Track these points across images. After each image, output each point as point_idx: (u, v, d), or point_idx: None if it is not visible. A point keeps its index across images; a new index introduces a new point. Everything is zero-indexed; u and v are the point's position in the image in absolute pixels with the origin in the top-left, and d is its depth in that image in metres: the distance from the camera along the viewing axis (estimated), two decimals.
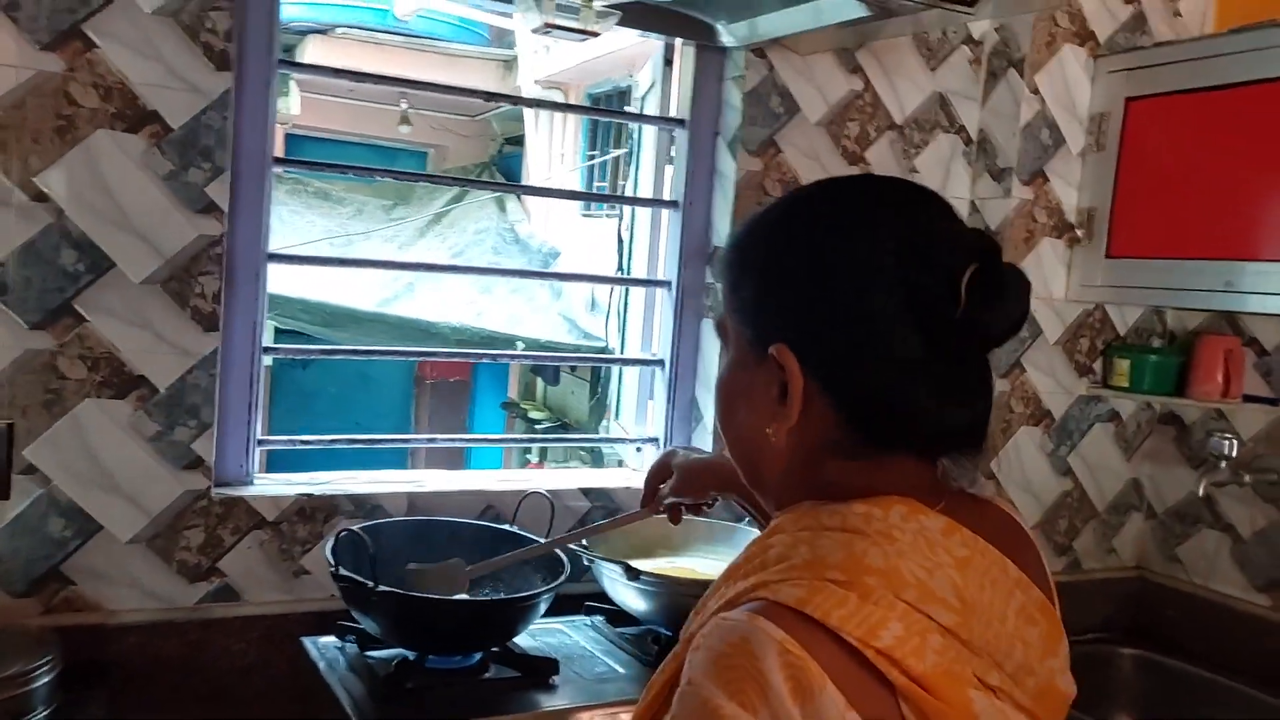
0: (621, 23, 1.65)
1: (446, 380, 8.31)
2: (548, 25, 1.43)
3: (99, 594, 1.49)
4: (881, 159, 2.03)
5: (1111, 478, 2.24)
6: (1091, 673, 2.10)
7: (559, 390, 6.23)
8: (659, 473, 1.25)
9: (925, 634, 0.66)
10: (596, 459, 2.13)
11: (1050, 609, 0.76)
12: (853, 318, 0.72)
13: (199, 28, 1.48)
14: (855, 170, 2.00)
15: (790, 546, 0.71)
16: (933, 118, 2.07)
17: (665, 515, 1.23)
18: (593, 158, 5.65)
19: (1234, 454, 2.02)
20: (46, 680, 1.26)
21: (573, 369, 5.70)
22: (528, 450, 4.92)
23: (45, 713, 1.26)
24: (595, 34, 1.47)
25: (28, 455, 1.44)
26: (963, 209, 2.12)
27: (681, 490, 1.20)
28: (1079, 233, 2.10)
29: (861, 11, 1.54)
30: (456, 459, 6.18)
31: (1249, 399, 2.06)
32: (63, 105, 1.42)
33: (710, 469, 1.19)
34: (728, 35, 1.84)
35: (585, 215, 5.52)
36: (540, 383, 6.54)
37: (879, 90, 2.01)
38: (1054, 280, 2.10)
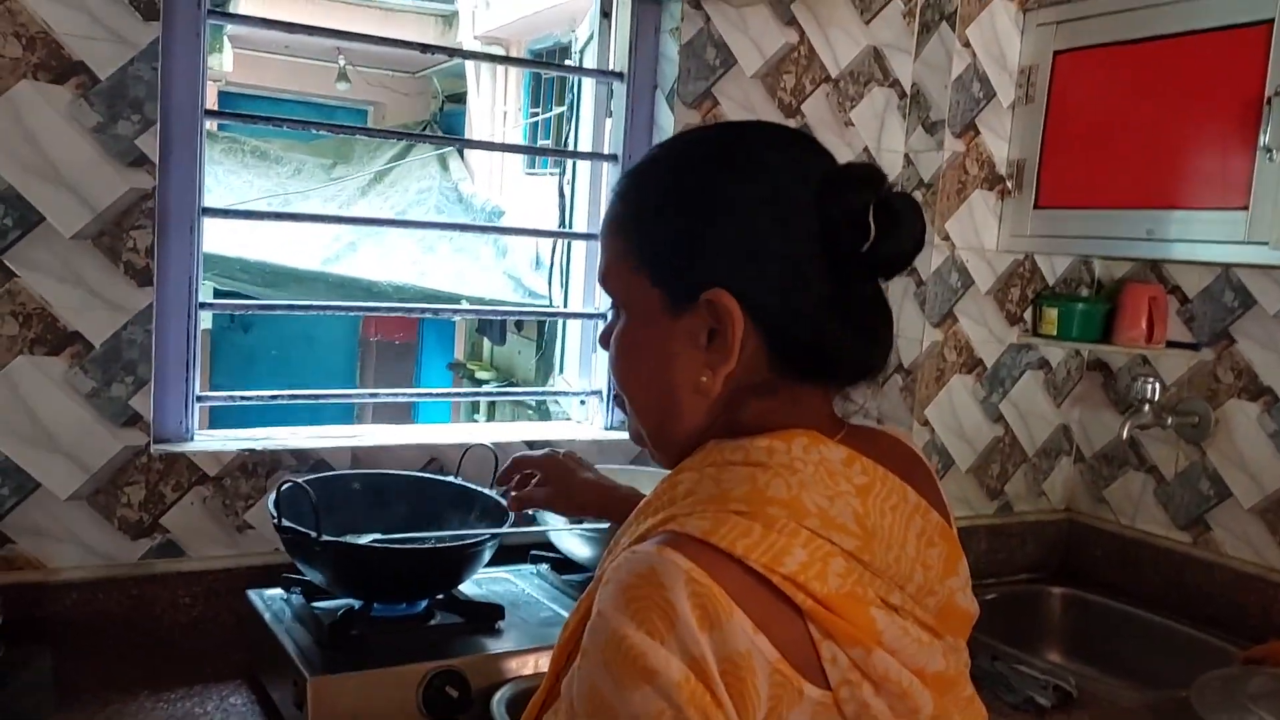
0: None
1: (392, 341, 8.24)
2: None
3: (39, 551, 1.48)
4: (817, 111, 2.06)
5: (1041, 423, 2.31)
6: (1022, 611, 2.19)
7: (505, 350, 6.22)
8: (533, 467, 1.27)
9: (828, 559, 0.70)
10: (543, 416, 2.15)
11: (949, 531, 0.80)
12: (780, 256, 0.75)
13: None
14: (792, 123, 2.03)
15: (696, 482, 0.75)
16: (867, 71, 2.10)
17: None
18: (535, 115, 5.60)
19: (1156, 398, 2.10)
20: None
21: (518, 327, 5.69)
22: (475, 410, 4.92)
23: None
24: None
25: None
26: (897, 161, 2.16)
27: (555, 504, 1.25)
28: (1009, 184, 2.15)
29: None
30: (404, 419, 6.16)
31: (1172, 345, 2.13)
32: None
33: (595, 493, 1.23)
34: None
35: (529, 173, 5.48)
36: (486, 343, 6.53)
37: (814, 43, 2.03)
38: (985, 231, 2.15)
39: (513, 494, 1.26)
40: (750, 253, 0.75)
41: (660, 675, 0.63)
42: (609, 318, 0.85)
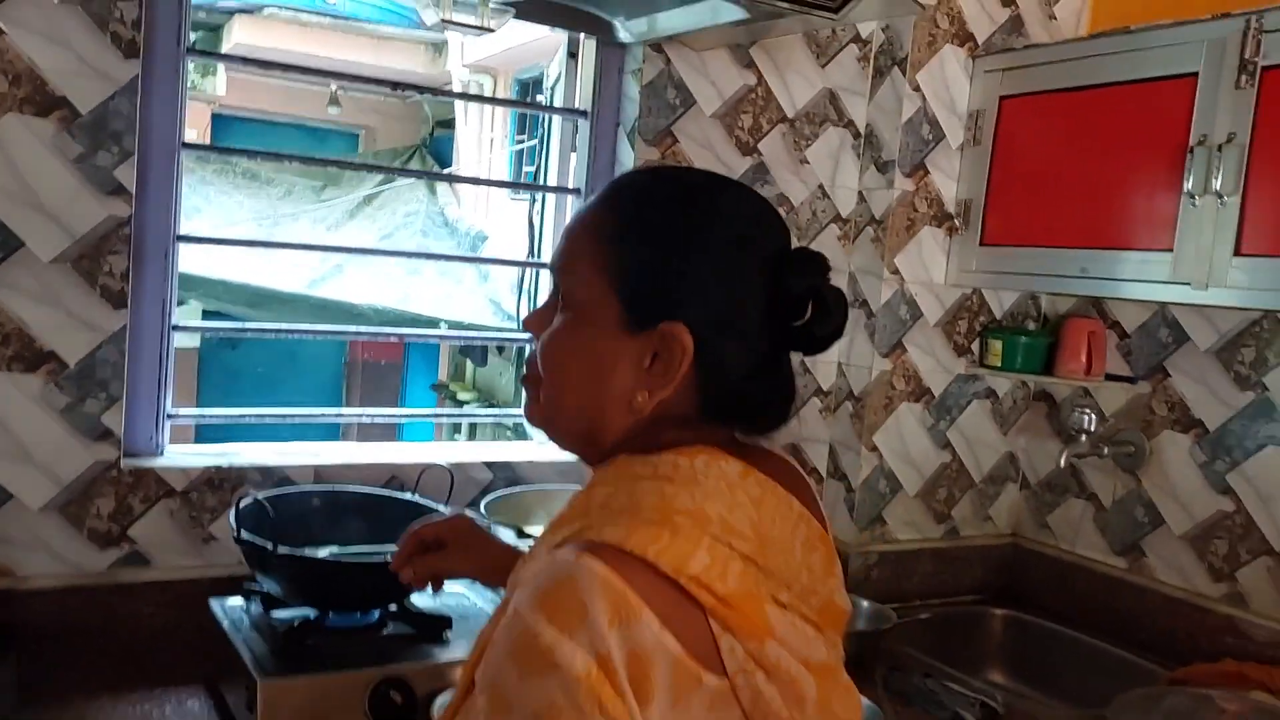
0: (521, 16, 1.75)
1: (377, 362, 8.33)
2: (445, 21, 1.51)
3: (10, 559, 1.56)
4: (773, 150, 2.15)
5: (988, 451, 2.39)
6: (964, 631, 2.27)
7: (487, 371, 6.30)
8: (438, 533, 1.21)
9: (728, 561, 0.78)
10: (520, 436, 2.23)
11: (827, 538, 0.88)
12: (735, 310, 0.83)
13: (107, 17, 1.54)
14: (749, 160, 2.12)
15: (610, 496, 0.82)
16: (822, 112, 2.20)
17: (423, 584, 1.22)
18: (521, 142, 5.71)
19: (1093, 428, 2.19)
20: None
21: (499, 350, 5.78)
22: (457, 430, 5.03)
23: None
24: (491, 29, 1.56)
25: None
26: (850, 199, 2.26)
27: (464, 570, 1.21)
28: (957, 222, 2.25)
29: (740, 14, 1.65)
30: (390, 438, 6.22)
31: (1111, 378, 2.23)
32: None
33: (509, 558, 1.17)
34: (625, 32, 1.94)
35: (514, 199, 5.59)
36: (469, 364, 6.61)
37: (771, 85, 2.13)
38: (934, 266, 2.25)
39: (409, 570, 1.20)
40: (713, 300, 0.83)
41: (563, 669, 0.69)
42: (548, 305, 0.88)
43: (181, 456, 1.72)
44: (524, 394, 0.91)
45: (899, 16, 2.09)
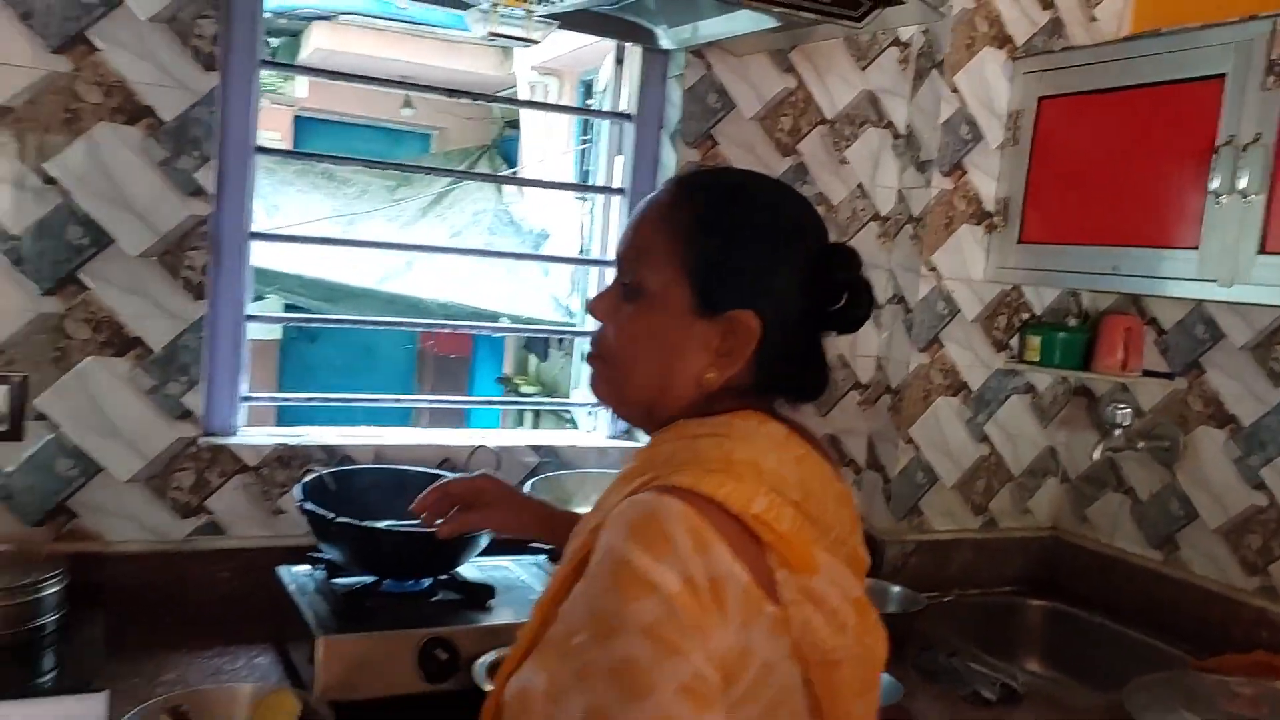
0: (566, 26, 1.86)
1: (446, 356, 8.56)
2: (492, 34, 1.63)
3: (100, 526, 1.72)
4: (813, 150, 2.23)
5: (1027, 445, 2.44)
6: (1003, 620, 2.32)
7: (549, 365, 6.46)
8: (460, 496, 1.31)
9: (781, 506, 0.90)
10: (574, 424, 2.37)
11: (851, 499, 1.01)
12: (791, 300, 0.95)
13: (189, 33, 1.69)
14: (789, 161, 2.20)
15: (674, 451, 0.93)
16: (863, 113, 2.27)
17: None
18: (585, 143, 5.85)
19: (1129, 423, 2.22)
20: (54, 591, 1.49)
21: (560, 344, 5.92)
22: (520, 419, 5.22)
23: (53, 618, 1.49)
24: (536, 41, 1.67)
25: (39, 404, 1.67)
26: (889, 197, 2.32)
27: (493, 525, 1.32)
28: (996, 220, 2.30)
29: (772, 22, 1.74)
30: (458, 423, 6.42)
31: (1149, 374, 2.26)
32: (70, 101, 1.64)
33: (538, 514, 1.31)
34: (667, 39, 2.04)
35: (578, 198, 5.71)
36: (532, 359, 6.77)
37: (811, 88, 2.21)
38: (973, 263, 2.30)
39: (440, 523, 1.31)
40: (774, 289, 0.95)
41: (660, 588, 0.79)
42: (613, 290, 0.99)
43: (254, 436, 1.87)
44: (589, 370, 1.02)
45: (923, 24, 2.15)
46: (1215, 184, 1.81)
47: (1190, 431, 2.18)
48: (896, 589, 2.11)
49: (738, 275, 0.94)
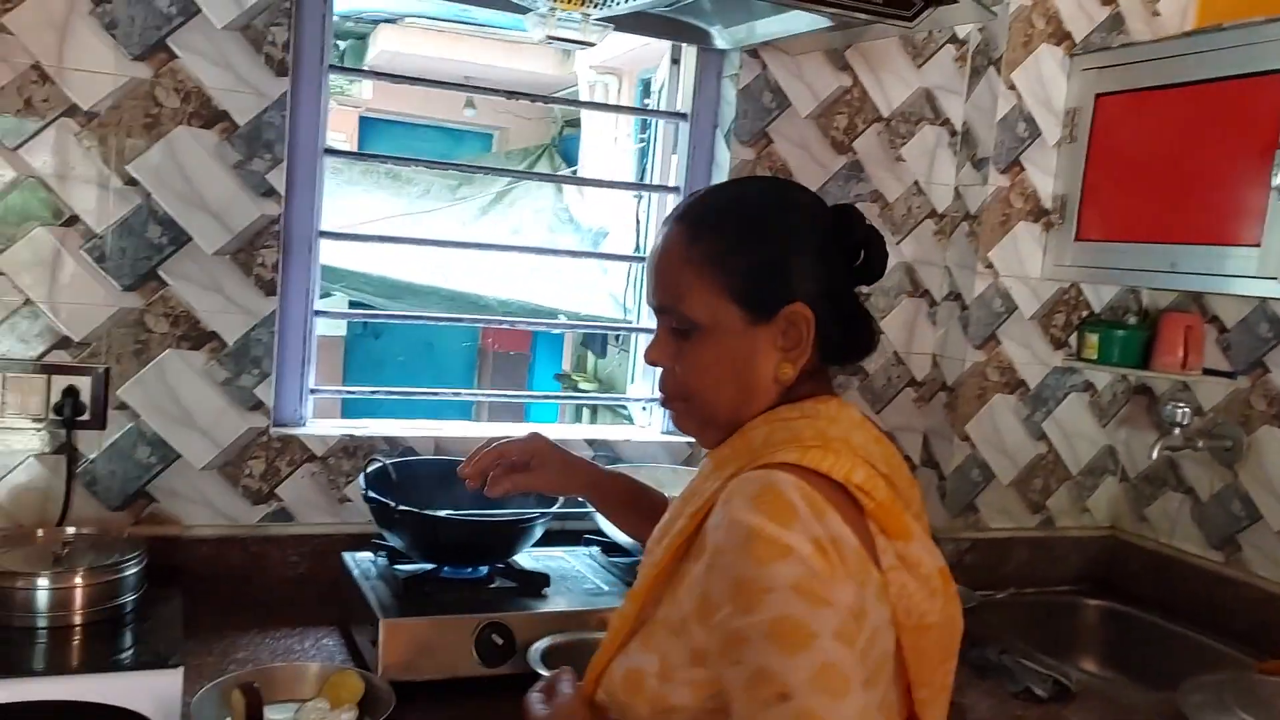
0: (622, 28, 1.89)
1: (506, 353, 8.68)
2: (550, 37, 1.68)
3: (177, 511, 1.80)
4: (868, 148, 2.24)
5: (1086, 443, 2.42)
6: (1059, 619, 2.31)
7: (607, 362, 6.52)
8: (511, 455, 1.32)
9: (875, 478, 0.96)
10: (630, 420, 2.42)
11: (917, 483, 1.07)
12: (825, 274, 1.02)
13: (262, 40, 1.76)
14: (844, 159, 2.22)
15: (769, 433, 1.00)
16: (918, 111, 2.27)
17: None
18: (643, 141, 5.88)
19: (1188, 422, 2.20)
20: (134, 572, 1.57)
21: (618, 341, 5.96)
22: (578, 415, 5.29)
23: (133, 598, 1.57)
24: (592, 44, 1.72)
25: (121, 395, 1.75)
26: (946, 195, 2.32)
27: (540, 485, 1.34)
28: (1054, 217, 2.29)
29: (825, 22, 1.76)
30: (517, 418, 6.51)
31: (1209, 372, 2.23)
32: (150, 106, 1.72)
33: (585, 473, 1.35)
34: (722, 39, 2.07)
35: (636, 196, 5.74)
36: (590, 356, 6.84)
37: (866, 86, 2.22)
38: (1029, 260, 2.29)
39: (497, 487, 1.31)
40: (809, 273, 1.01)
41: (795, 550, 0.85)
42: (663, 336, 1.05)
43: (321, 426, 1.94)
44: (671, 414, 1.09)
45: (976, 22, 2.14)
46: (1277, 180, 1.79)
47: (1253, 431, 2.15)
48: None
49: (772, 276, 1.00)
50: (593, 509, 1.43)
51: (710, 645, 0.90)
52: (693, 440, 2.14)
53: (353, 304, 6.94)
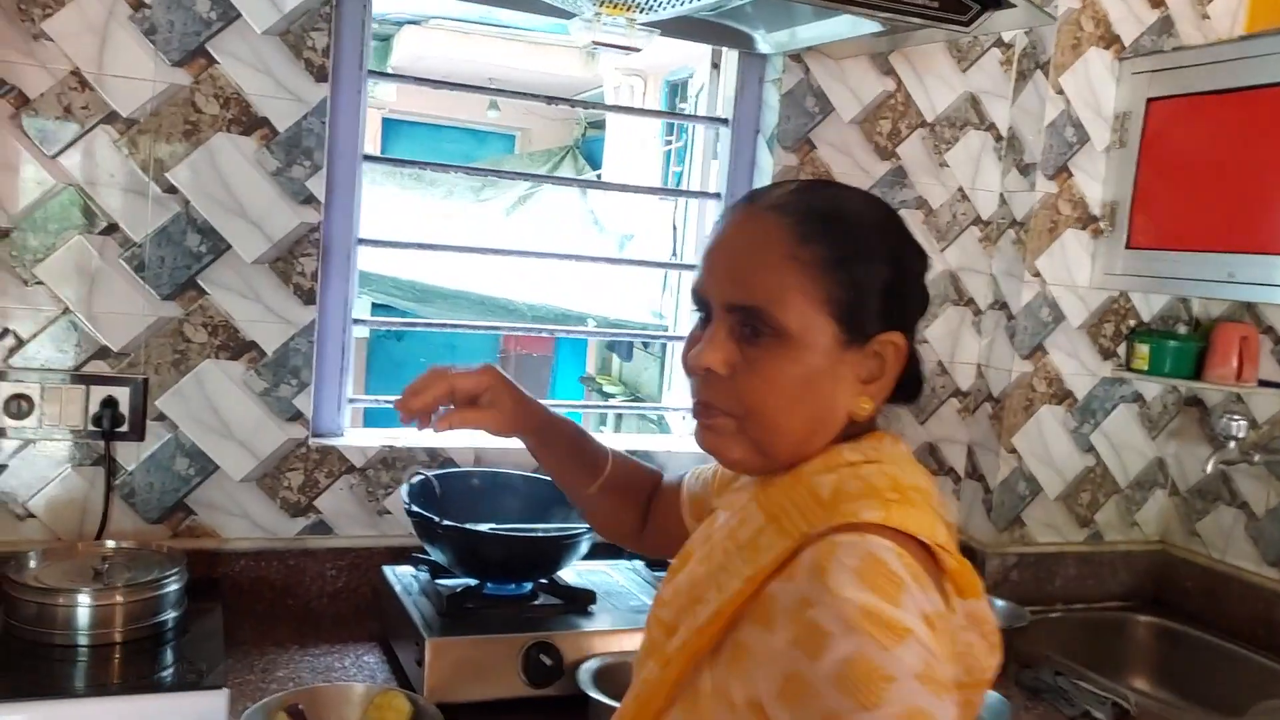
0: (666, 33, 1.86)
1: (530, 355, 8.66)
2: (595, 42, 1.64)
3: (215, 523, 1.77)
4: (913, 154, 2.19)
5: (1135, 455, 2.36)
6: (1109, 637, 2.26)
7: (633, 366, 6.48)
8: (473, 386, 1.16)
9: (948, 528, 0.87)
10: (664, 429, 2.35)
11: None
12: (918, 310, 0.96)
13: (301, 45, 1.73)
14: (887, 165, 2.17)
15: (840, 483, 0.87)
16: (963, 116, 2.22)
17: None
18: (669, 144, 5.85)
19: (1243, 435, 2.14)
20: (175, 588, 1.54)
21: (645, 346, 5.93)
22: (603, 421, 5.22)
23: (174, 614, 1.54)
24: (638, 49, 1.68)
25: (159, 405, 1.73)
26: (991, 201, 2.27)
27: (491, 425, 1.17)
28: (1102, 224, 2.24)
29: (876, 27, 1.72)
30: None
31: (1265, 384, 2.17)
32: (189, 112, 1.69)
33: (535, 417, 1.20)
34: (765, 44, 2.03)
35: (663, 200, 5.71)
36: (615, 359, 6.80)
37: (911, 90, 2.17)
38: (1077, 269, 2.24)
39: (444, 422, 1.14)
40: (911, 305, 0.94)
41: (914, 632, 0.74)
42: (723, 336, 0.90)
43: (360, 437, 1.91)
44: (706, 427, 0.92)
45: (1033, 26, 2.09)
46: None
47: None
48: (1000, 603, 2.07)
49: (881, 297, 0.90)
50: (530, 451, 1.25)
51: None
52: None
53: (377, 308, 6.94)
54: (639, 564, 1.89)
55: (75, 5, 1.61)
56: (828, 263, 0.88)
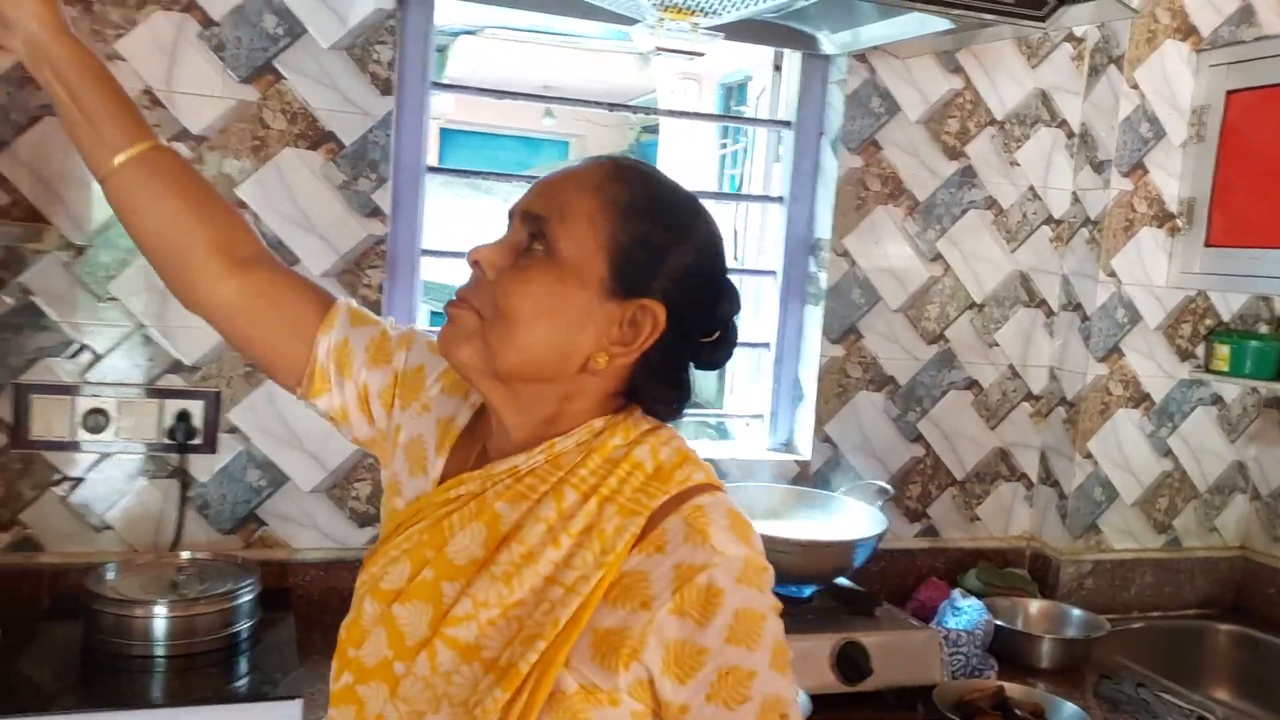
0: (731, 37, 1.84)
1: None
2: (659, 49, 1.63)
3: (286, 533, 1.79)
4: (981, 153, 2.15)
5: (1214, 459, 2.29)
6: (1188, 646, 2.19)
7: (692, 373, 6.45)
8: None
9: None
10: (722, 435, 2.34)
11: None
12: (693, 312, 0.90)
13: (366, 59, 1.75)
14: (956, 164, 2.13)
15: (656, 454, 0.88)
16: (1034, 113, 2.17)
17: None
18: (724, 147, 5.82)
19: None
20: (249, 599, 1.56)
21: None
22: None
23: (248, 625, 1.56)
24: (701, 54, 1.66)
25: (231, 418, 1.75)
26: (1063, 200, 2.22)
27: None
28: (1180, 222, 2.17)
29: (946, 24, 1.68)
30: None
31: None
32: (257, 128, 1.71)
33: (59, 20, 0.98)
34: (829, 44, 2.00)
35: (717, 203, 5.66)
36: None
37: (979, 88, 2.13)
38: (1154, 268, 2.18)
39: None
40: (689, 294, 0.88)
41: (769, 568, 0.85)
42: (507, 244, 0.88)
43: None
44: (449, 320, 0.89)
45: (1112, 19, 2.04)
46: None
47: None
48: (1077, 612, 2.02)
49: (661, 265, 0.87)
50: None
51: (689, 697, 0.79)
52: (800, 457, 2.09)
53: (435, 315, 7.01)
54: None
55: (147, 24, 1.64)
56: (625, 207, 0.87)
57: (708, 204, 0.95)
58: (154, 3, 1.64)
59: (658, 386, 0.91)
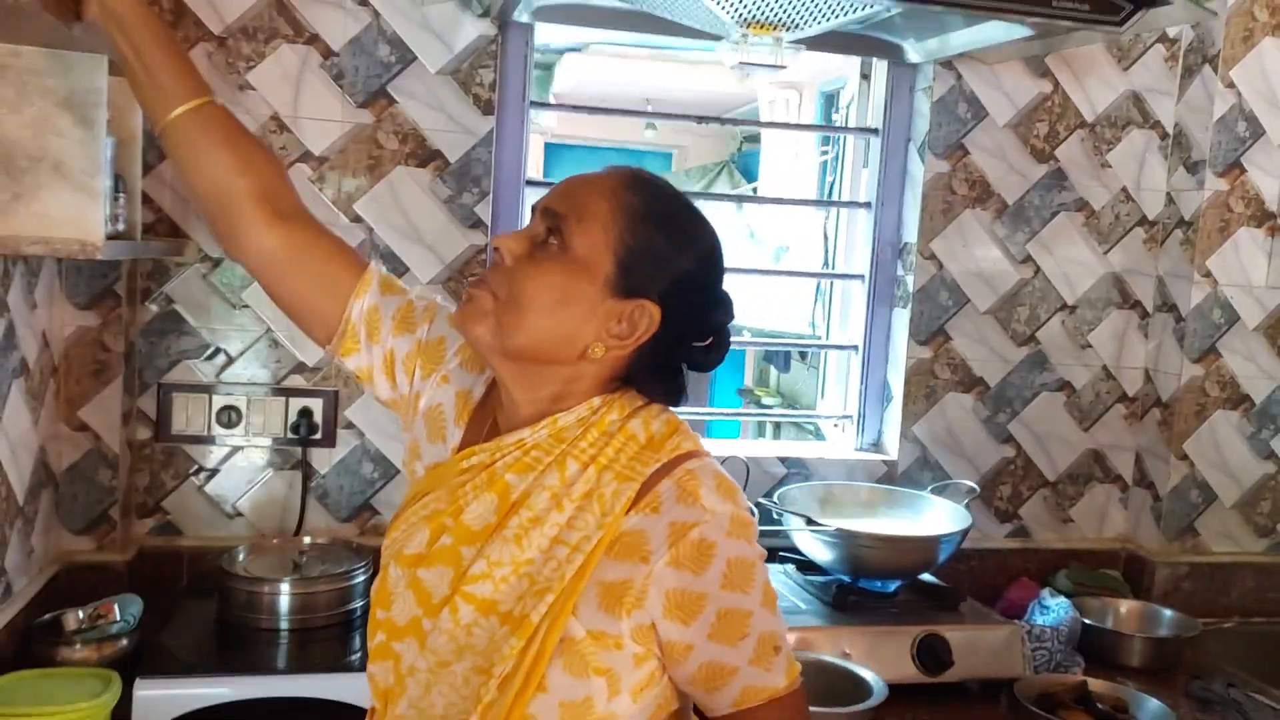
0: (814, 46, 1.90)
1: None
2: (742, 63, 1.71)
3: None
4: (1072, 156, 2.16)
5: None
6: None
7: (790, 377, 6.46)
8: None
9: None
10: (820, 438, 2.40)
11: None
12: (688, 318, 0.98)
13: (470, 82, 1.87)
14: (1045, 168, 2.14)
15: (648, 426, 0.97)
16: (1125, 114, 2.17)
17: None
18: (825, 154, 5.83)
19: None
20: (362, 579, 1.69)
21: (803, 357, 5.91)
22: (760, 431, 5.25)
23: (361, 604, 1.69)
24: (784, 66, 1.73)
25: (348, 415, 1.89)
26: (1157, 201, 2.21)
27: None
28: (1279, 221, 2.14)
29: (1027, 31, 1.71)
30: (698, 435, 6.53)
31: None
32: (372, 149, 1.86)
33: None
34: (915, 52, 2.04)
35: (822, 212, 5.66)
36: (773, 370, 6.81)
37: (1069, 91, 2.14)
38: (1253, 268, 2.15)
39: None
40: (685, 300, 0.97)
41: (754, 521, 0.96)
42: (527, 236, 0.98)
43: None
44: (468, 298, 0.98)
45: (1191, 22, 2.03)
46: None
47: None
48: (1169, 612, 2.01)
49: (663, 270, 0.96)
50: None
51: (693, 637, 0.90)
52: (888, 458, 2.13)
53: None
54: (789, 567, 1.93)
55: (275, 57, 1.80)
56: (637, 214, 0.96)
57: (794, 211, 1.05)
58: (281, 36, 1.80)
59: (650, 378, 1.00)
